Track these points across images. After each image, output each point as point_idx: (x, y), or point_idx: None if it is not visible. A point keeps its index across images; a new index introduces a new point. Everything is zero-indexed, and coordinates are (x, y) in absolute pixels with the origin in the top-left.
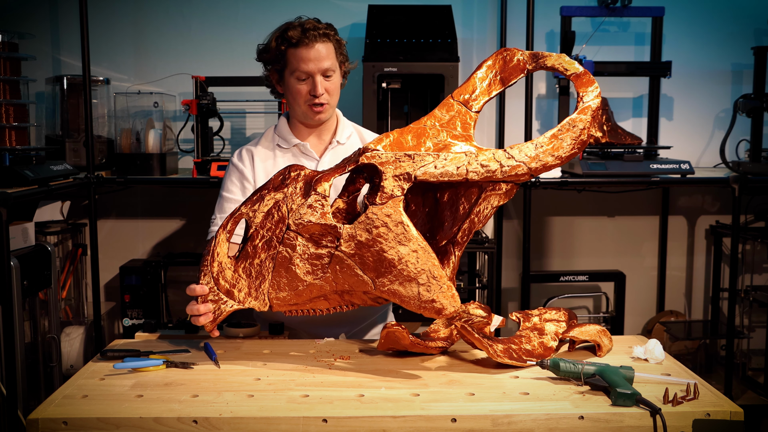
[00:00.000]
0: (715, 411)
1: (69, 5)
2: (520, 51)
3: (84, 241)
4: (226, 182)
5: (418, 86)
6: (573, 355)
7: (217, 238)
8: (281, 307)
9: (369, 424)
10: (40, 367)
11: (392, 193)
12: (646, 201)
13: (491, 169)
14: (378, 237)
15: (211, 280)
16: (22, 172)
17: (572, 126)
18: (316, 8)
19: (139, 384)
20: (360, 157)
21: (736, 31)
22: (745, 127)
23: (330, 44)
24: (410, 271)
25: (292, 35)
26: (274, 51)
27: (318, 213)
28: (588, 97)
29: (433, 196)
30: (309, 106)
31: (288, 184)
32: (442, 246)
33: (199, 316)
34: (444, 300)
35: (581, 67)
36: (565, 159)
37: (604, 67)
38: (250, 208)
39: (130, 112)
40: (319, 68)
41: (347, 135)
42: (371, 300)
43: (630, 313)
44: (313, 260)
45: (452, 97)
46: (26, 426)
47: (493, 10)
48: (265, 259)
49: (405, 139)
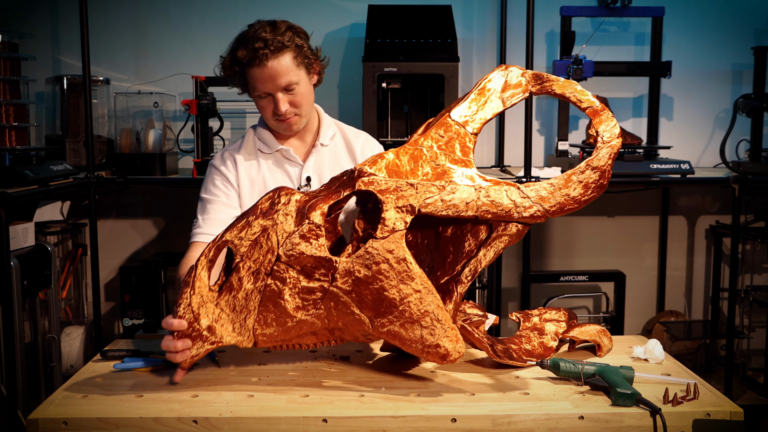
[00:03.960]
0: (715, 411)
1: (69, 5)
2: (523, 70)
3: (84, 241)
4: (208, 185)
5: (418, 86)
6: (573, 355)
7: (198, 267)
8: (267, 343)
9: (369, 424)
10: (40, 367)
11: (394, 226)
12: (646, 201)
13: (504, 208)
14: (378, 274)
15: (190, 314)
16: (22, 172)
17: (591, 168)
18: (316, 8)
19: (139, 384)
20: (356, 182)
21: (736, 31)
22: (745, 127)
23: (287, 55)
24: (413, 312)
25: (241, 56)
26: (228, 71)
27: (312, 244)
28: (607, 136)
29: (434, 228)
30: (277, 122)
31: (278, 210)
32: (442, 283)
33: (175, 353)
34: (449, 344)
35: (597, 101)
36: (583, 203)
37: (604, 67)
38: (236, 235)
39: (130, 112)
40: (277, 86)
41: (330, 135)
42: (363, 337)
43: (630, 313)
44: (304, 295)
45: (449, 115)
46: (26, 426)
47: (493, 10)
48: (251, 292)
49: (401, 161)
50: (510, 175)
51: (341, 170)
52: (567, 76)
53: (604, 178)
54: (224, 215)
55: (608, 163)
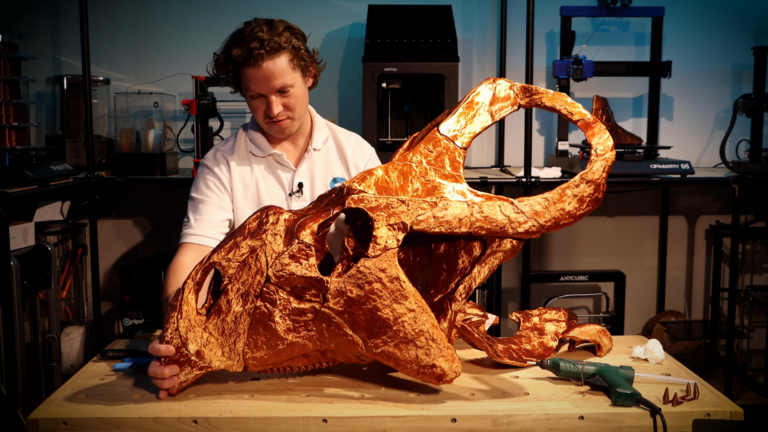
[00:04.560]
0: (715, 411)
1: (69, 5)
2: (511, 83)
3: (84, 241)
4: (200, 185)
5: (418, 86)
6: (573, 355)
7: (185, 290)
8: (257, 366)
9: (369, 424)
10: (40, 367)
11: (386, 244)
12: (646, 201)
13: (499, 223)
14: (371, 294)
15: (178, 339)
16: (22, 172)
17: (585, 182)
18: (316, 8)
19: (139, 384)
20: (346, 199)
21: (736, 31)
22: (745, 127)
23: (283, 57)
24: (407, 332)
25: (236, 54)
26: (222, 69)
27: (302, 264)
28: (600, 149)
29: (426, 245)
30: (268, 124)
31: (266, 230)
32: (436, 301)
33: (162, 379)
34: (445, 365)
35: (588, 113)
36: (578, 217)
37: (604, 67)
38: (223, 256)
39: (130, 112)
40: (271, 88)
41: (323, 140)
42: (357, 359)
43: (630, 313)
44: (295, 316)
45: (438, 130)
46: (26, 426)
47: (493, 10)
48: (240, 315)
49: (390, 178)
50: (510, 175)
51: (333, 175)
52: (567, 76)
53: (599, 192)
54: (217, 217)
55: (603, 176)
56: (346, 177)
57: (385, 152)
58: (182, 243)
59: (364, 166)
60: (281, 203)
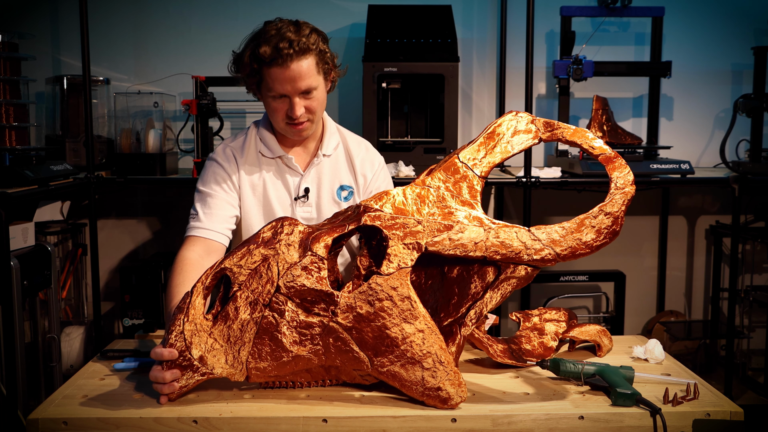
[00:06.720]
0: (715, 411)
1: (69, 5)
2: (533, 117)
3: (84, 241)
4: (208, 179)
5: (418, 86)
6: (573, 355)
7: (194, 294)
8: (260, 378)
9: (369, 424)
10: (40, 367)
11: (400, 263)
12: (646, 201)
13: (515, 249)
14: (381, 311)
15: (182, 342)
16: (22, 172)
17: (604, 213)
18: (316, 8)
19: (139, 384)
20: (362, 217)
21: (736, 31)
22: (745, 127)
23: (310, 59)
24: (415, 352)
25: (263, 53)
26: (246, 66)
27: (313, 277)
28: (621, 182)
29: (439, 268)
30: (287, 126)
31: (280, 240)
32: (445, 325)
33: (163, 384)
34: (451, 388)
35: (609, 149)
36: (595, 248)
37: (604, 67)
38: (235, 263)
39: (130, 112)
40: (296, 89)
41: (333, 146)
42: (361, 378)
43: (630, 313)
44: (302, 329)
45: (458, 157)
46: (26, 426)
47: (493, 10)
48: (247, 323)
49: (407, 200)
50: (510, 174)
51: (340, 182)
52: (567, 76)
53: (617, 224)
54: (226, 212)
55: (622, 209)
56: (353, 185)
57: (385, 152)
58: (188, 236)
59: (372, 176)
60: (286, 207)
